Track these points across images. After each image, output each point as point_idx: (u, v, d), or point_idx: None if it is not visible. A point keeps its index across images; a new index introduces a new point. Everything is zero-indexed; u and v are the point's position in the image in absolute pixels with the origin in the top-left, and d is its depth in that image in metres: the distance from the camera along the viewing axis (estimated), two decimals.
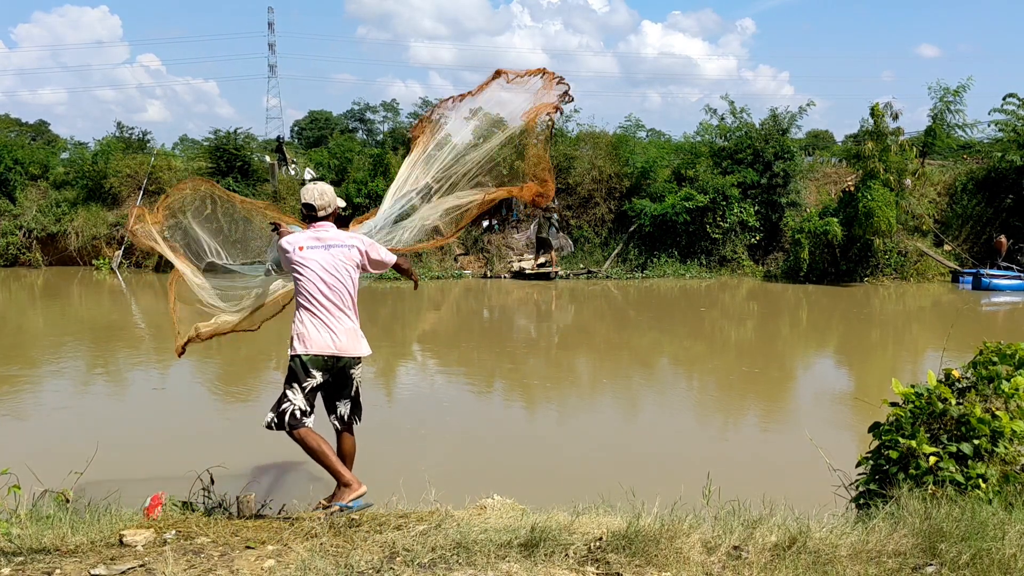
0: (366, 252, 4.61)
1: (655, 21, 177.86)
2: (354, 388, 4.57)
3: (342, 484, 4.29)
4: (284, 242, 4.60)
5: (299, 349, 4.38)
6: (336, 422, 4.53)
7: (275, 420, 4.39)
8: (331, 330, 4.41)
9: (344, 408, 4.52)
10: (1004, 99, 25.94)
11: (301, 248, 4.50)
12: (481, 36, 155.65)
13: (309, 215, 4.63)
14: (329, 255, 4.49)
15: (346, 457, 4.54)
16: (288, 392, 4.38)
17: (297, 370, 4.38)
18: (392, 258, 4.75)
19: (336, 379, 4.48)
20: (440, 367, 12.46)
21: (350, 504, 4.15)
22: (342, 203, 4.84)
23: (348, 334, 4.47)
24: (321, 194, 4.62)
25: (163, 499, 4.27)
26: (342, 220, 4.95)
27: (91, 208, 29.01)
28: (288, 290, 5.28)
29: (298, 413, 4.34)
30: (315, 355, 4.37)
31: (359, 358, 4.58)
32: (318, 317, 4.41)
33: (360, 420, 4.68)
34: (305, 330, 4.41)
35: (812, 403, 11.22)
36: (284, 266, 4.65)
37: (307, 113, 61.50)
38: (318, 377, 4.39)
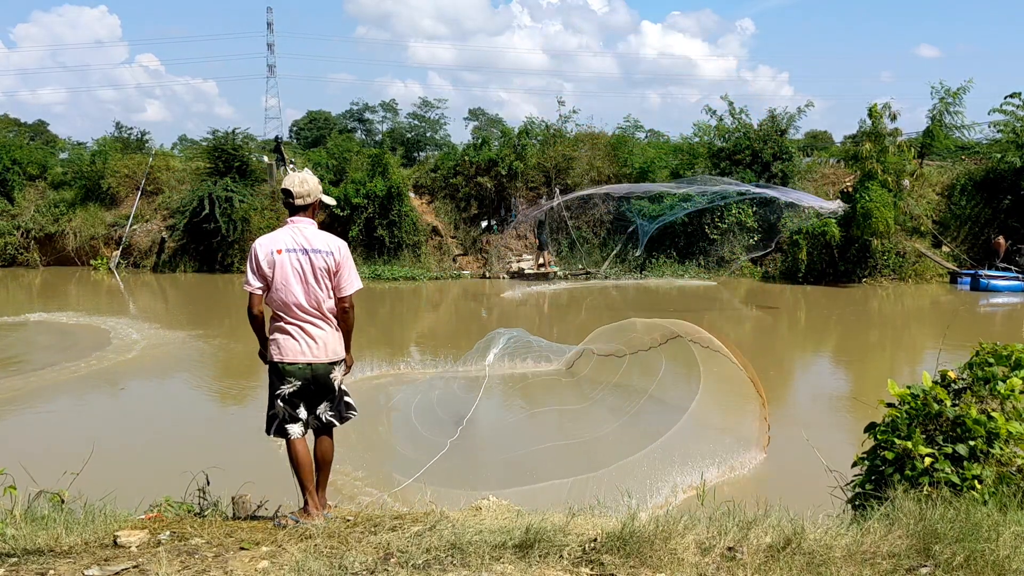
0: (341, 265, 4.37)
1: (655, 21, 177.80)
2: (337, 389, 4.51)
3: (304, 508, 4.28)
4: (258, 245, 4.35)
5: (275, 357, 4.35)
6: (315, 422, 4.48)
7: (267, 427, 4.44)
8: (309, 337, 4.34)
9: (325, 410, 4.46)
10: (1006, 99, 25.85)
11: (279, 251, 4.30)
12: (481, 36, 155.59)
13: (287, 202, 4.43)
14: (308, 260, 4.31)
15: (320, 461, 4.48)
16: (274, 400, 4.39)
17: (275, 377, 4.38)
18: (358, 286, 4.45)
19: (316, 384, 4.41)
20: (438, 368, 12.44)
21: (300, 521, 4.14)
22: (330, 200, 4.75)
23: (325, 340, 4.38)
24: (302, 182, 4.40)
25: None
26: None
27: (89, 208, 29.01)
28: None
29: (281, 422, 4.35)
30: (290, 363, 4.32)
31: (338, 361, 4.50)
32: (295, 325, 4.33)
33: (356, 412, 4.63)
34: (282, 337, 4.34)
35: (809, 403, 11.23)
36: (256, 269, 4.32)
37: (306, 113, 61.50)
38: (295, 383, 4.35)
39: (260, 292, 4.36)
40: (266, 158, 30.15)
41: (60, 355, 13.21)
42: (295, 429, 4.35)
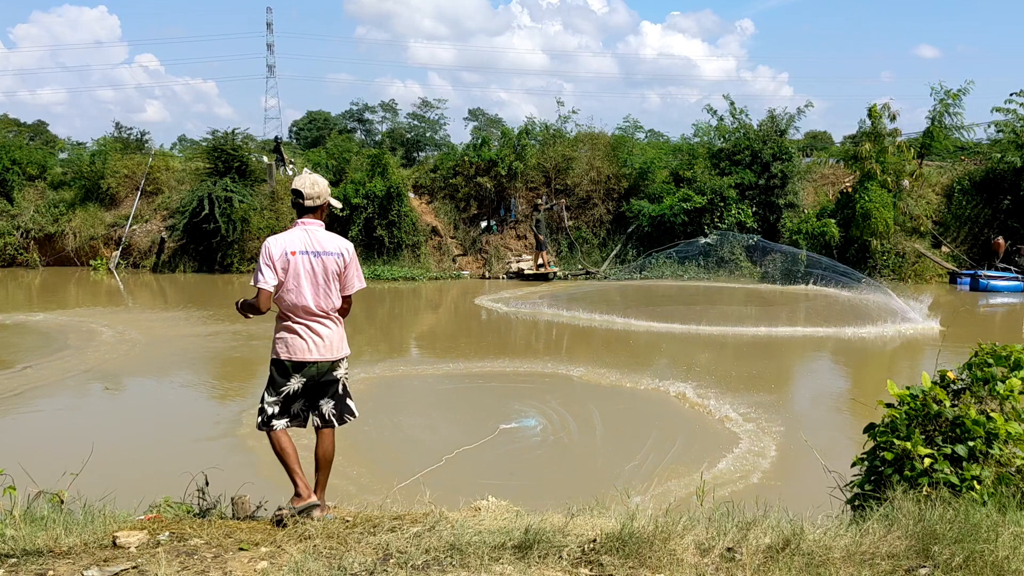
0: (348, 266, 4.46)
1: (654, 22, 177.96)
2: (340, 386, 4.55)
3: (295, 492, 4.29)
4: (271, 243, 4.37)
5: (282, 355, 4.37)
6: (318, 419, 4.51)
7: (258, 420, 4.47)
8: (316, 335, 4.37)
9: (327, 406, 4.50)
10: (1011, 95, 25.78)
11: (293, 253, 4.34)
12: (480, 36, 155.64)
13: (296, 202, 4.48)
14: (320, 263, 4.37)
15: (321, 460, 4.49)
16: (266, 395, 4.42)
17: (278, 374, 4.40)
18: (361, 286, 4.56)
19: (321, 381, 4.46)
20: (437, 368, 12.45)
21: (295, 508, 4.16)
22: (337, 203, 4.77)
23: (331, 338, 4.43)
24: (313, 184, 4.45)
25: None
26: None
27: (88, 208, 28.98)
28: None
29: (269, 416, 4.39)
30: (298, 361, 4.35)
31: (343, 357, 4.54)
32: (302, 325, 4.37)
33: (355, 415, 4.65)
34: (290, 336, 4.36)
35: (808, 404, 11.23)
36: (272, 267, 4.32)
37: (305, 113, 61.59)
38: (299, 381, 4.39)
39: (272, 290, 4.35)
40: (266, 158, 30.13)
41: (59, 355, 13.22)
42: (279, 423, 4.41)
